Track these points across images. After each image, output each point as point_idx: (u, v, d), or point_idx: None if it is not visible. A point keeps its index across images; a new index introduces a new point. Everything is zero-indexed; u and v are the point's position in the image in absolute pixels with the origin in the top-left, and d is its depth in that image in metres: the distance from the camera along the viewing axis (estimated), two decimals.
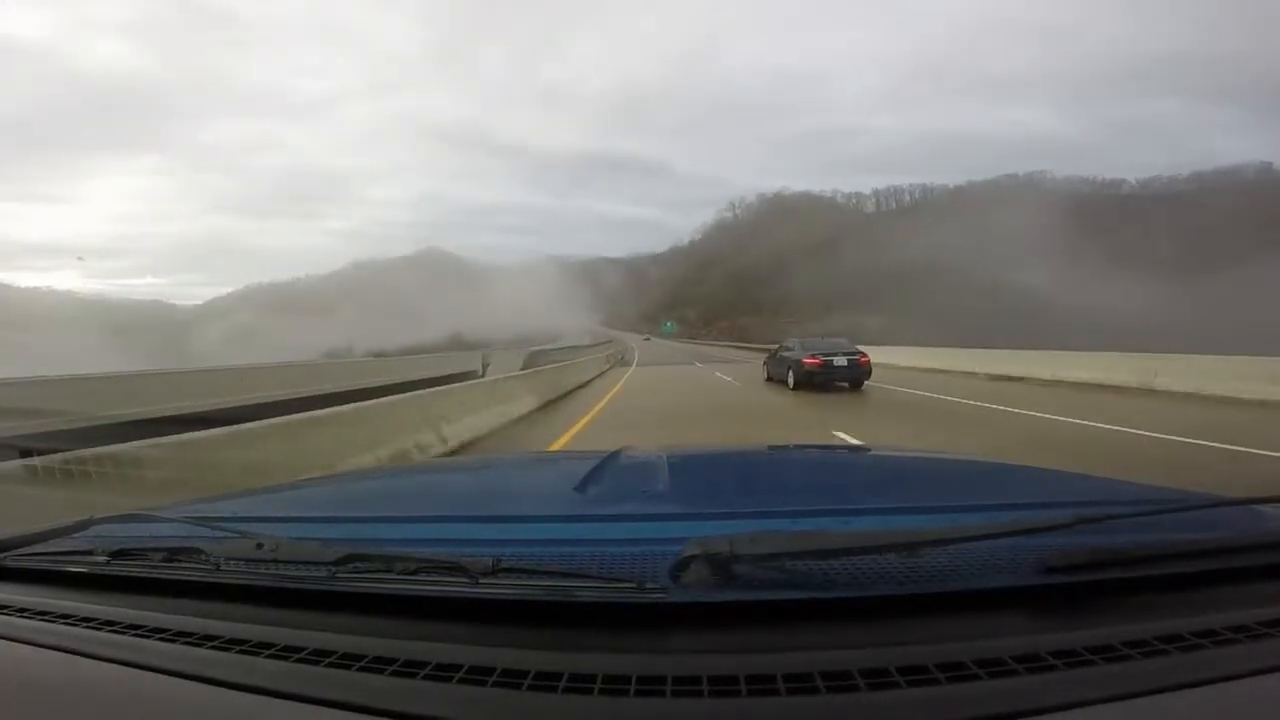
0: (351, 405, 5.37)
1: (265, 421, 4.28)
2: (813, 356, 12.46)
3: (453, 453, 6.15)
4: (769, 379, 14.61)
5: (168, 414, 7.58)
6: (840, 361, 12.42)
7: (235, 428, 3.95)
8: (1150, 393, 10.29)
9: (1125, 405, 8.92)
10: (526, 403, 9.87)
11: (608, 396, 12.78)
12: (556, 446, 6.73)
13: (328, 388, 11.98)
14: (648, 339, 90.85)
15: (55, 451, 3.03)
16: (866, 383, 12.73)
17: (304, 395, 10.26)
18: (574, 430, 7.99)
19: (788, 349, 14.03)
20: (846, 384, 12.57)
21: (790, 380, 12.85)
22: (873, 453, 2.15)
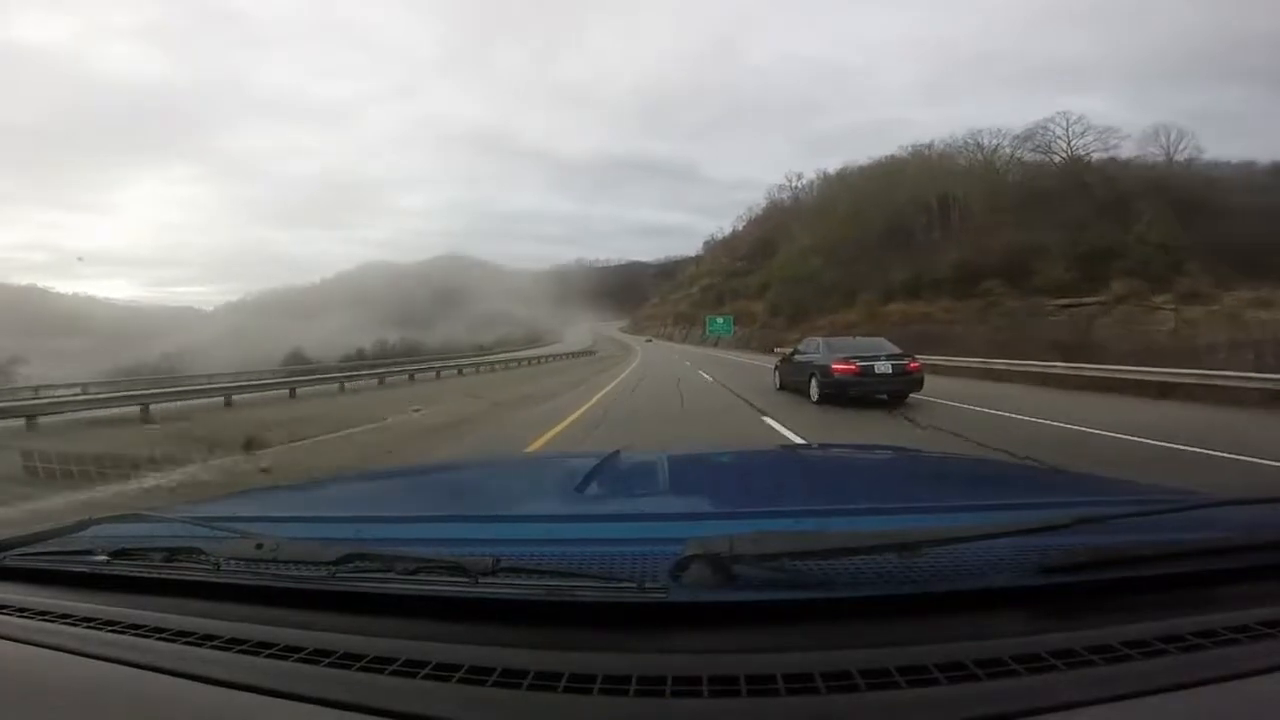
0: None
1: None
2: (845, 361, 9.66)
3: None
4: (781, 387, 12.09)
5: None
6: (883, 367, 9.57)
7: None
8: None
9: None
10: None
11: None
12: None
13: None
14: (649, 340, 79.56)
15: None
16: None
17: None
18: None
19: (805, 351, 11.35)
20: (885, 396, 9.73)
21: (813, 392, 10.04)
22: (873, 453, 2.14)
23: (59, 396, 13.36)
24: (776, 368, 13.00)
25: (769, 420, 8.44)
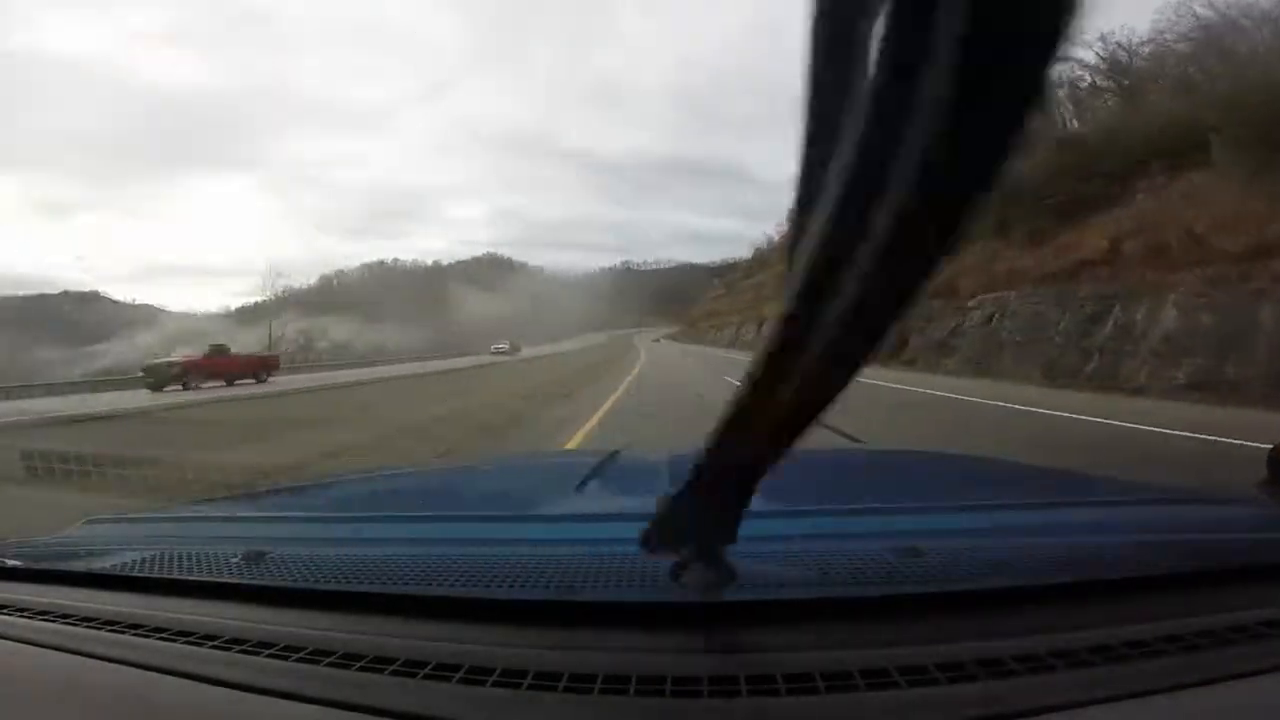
0: None
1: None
2: None
3: None
4: None
5: None
6: None
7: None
8: None
9: None
10: None
11: None
12: None
13: None
14: (657, 341, 71.68)
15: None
16: None
17: None
18: None
19: None
20: None
21: None
22: (873, 453, 2.15)
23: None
24: None
25: None
